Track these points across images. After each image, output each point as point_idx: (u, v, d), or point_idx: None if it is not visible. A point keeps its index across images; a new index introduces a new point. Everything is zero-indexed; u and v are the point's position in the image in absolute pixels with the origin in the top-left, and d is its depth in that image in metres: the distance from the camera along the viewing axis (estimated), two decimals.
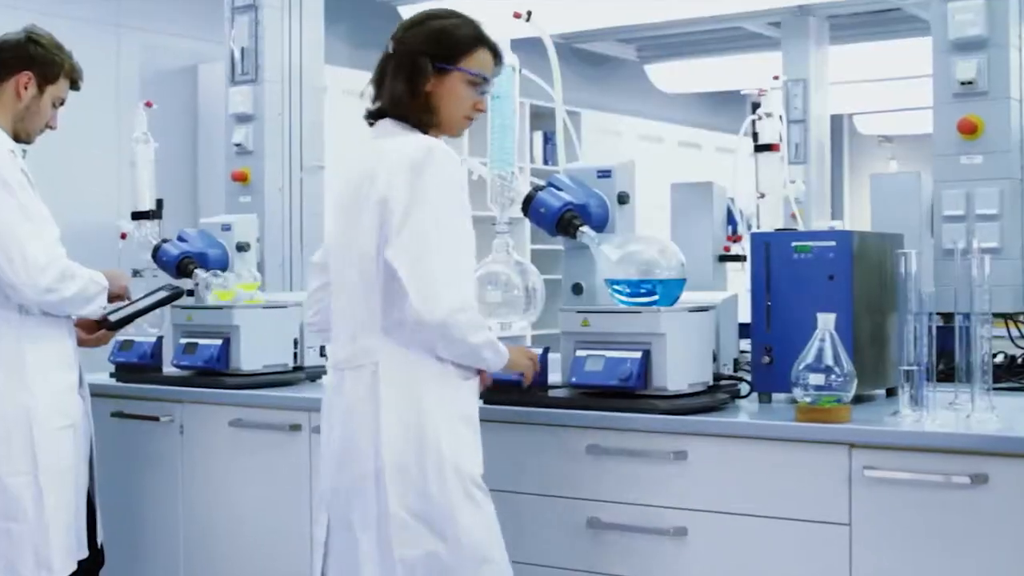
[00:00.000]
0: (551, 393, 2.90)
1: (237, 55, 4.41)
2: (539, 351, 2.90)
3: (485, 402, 2.94)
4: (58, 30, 3.34)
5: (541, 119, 8.60)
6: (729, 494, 2.64)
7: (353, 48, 7.81)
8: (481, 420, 2.90)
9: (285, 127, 4.41)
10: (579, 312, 2.85)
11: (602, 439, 2.78)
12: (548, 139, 8.96)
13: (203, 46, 6.59)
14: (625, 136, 9.31)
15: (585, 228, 2.88)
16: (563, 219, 2.89)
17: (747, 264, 4.16)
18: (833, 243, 2.88)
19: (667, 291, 2.80)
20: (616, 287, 2.82)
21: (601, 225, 2.95)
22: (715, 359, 2.92)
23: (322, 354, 3.77)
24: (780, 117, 4.17)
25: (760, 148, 4.16)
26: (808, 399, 2.60)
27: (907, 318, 2.66)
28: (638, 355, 2.75)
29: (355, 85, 7.17)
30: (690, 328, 2.81)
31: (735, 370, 3.01)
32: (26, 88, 3.19)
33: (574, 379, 2.82)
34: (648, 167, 2.99)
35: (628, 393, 2.76)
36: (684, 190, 4.08)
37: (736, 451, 2.64)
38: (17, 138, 3.20)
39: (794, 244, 2.92)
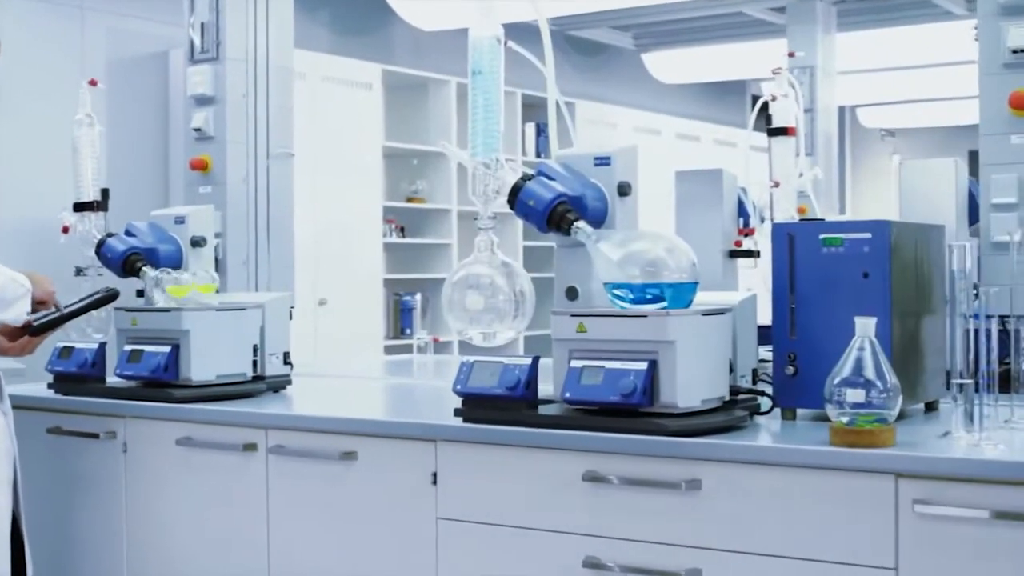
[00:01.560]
0: (541, 410, 2.50)
1: (197, 31, 4.00)
2: (527, 361, 2.50)
3: (464, 420, 2.54)
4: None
5: (533, 110, 8.25)
6: (750, 531, 2.24)
7: (334, 34, 7.48)
8: (458, 440, 2.52)
9: (250, 110, 4.00)
10: (574, 316, 2.45)
11: (601, 464, 2.38)
12: (541, 131, 8.60)
13: (174, 31, 6.16)
14: (621, 128, 8.98)
15: (580, 223, 2.50)
16: (555, 213, 2.51)
17: (760, 260, 3.81)
18: (868, 235, 2.49)
19: (677, 296, 2.41)
20: (617, 292, 2.43)
21: (599, 220, 2.58)
22: (731, 370, 2.52)
23: (286, 361, 3.38)
24: (796, 98, 3.79)
25: (774, 132, 3.80)
26: (845, 419, 2.20)
27: (957, 321, 2.27)
28: (643, 366, 2.35)
29: (336, 72, 6.91)
30: (704, 334, 2.41)
31: (754, 382, 2.61)
32: None
33: (568, 394, 2.42)
34: (644, 161, 2.62)
35: (631, 411, 2.36)
36: (691, 178, 3.69)
37: (759, 480, 2.24)
38: None
39: (822, 236, 2.53)
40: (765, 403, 2.56)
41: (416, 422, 2.66)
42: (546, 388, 2.53)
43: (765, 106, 3.84)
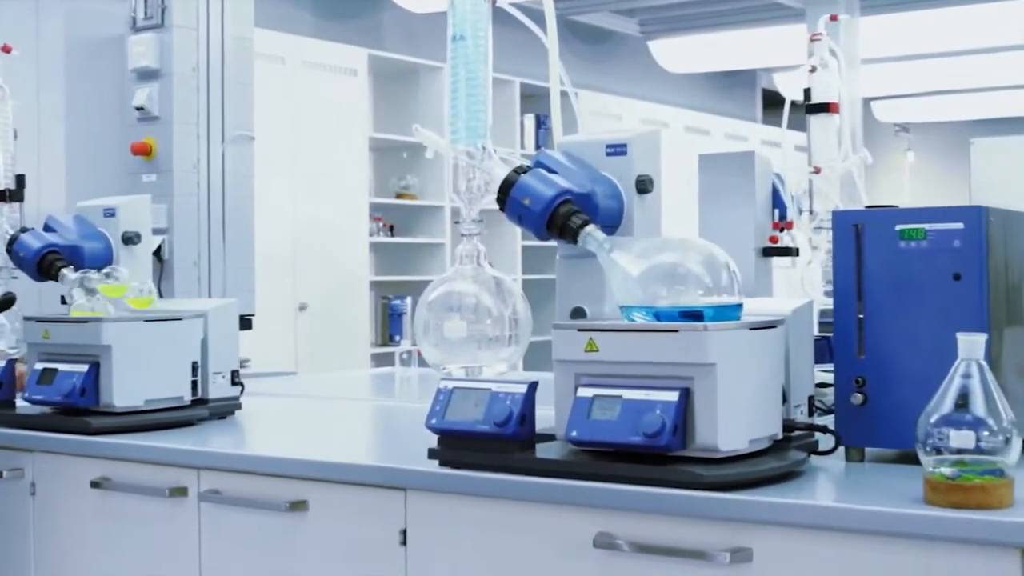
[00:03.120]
0: (539, 452, 1.93)
1: None
2: (521, 388, 1.94)
3: (441, 463, 1.99)
4: None
5: (533, 100, 7.77)
6: None
7: (317, 16, 6.99)
8: (433, 491, 1.97)
9: (201, 87, 3.45)
10: (582, 331, 1.89)
11: (618, 526, 1.82)
12: (541, 123, 8.08)
13: None
14: (625, 120, 8.53)
15: (590, 228, 1.96)
16: (557, 215, 1.97)
17: (798, 260, 3.26)
18: (959, 225, 1.95)
19: (716, 320, 1.85)
20: (637, 317, 1.87)
21: (613, 223, 2.06)
22: (784, 399, 1.96)
23: (235, 381, 2.81)
24: (838, 68, 3.23)
25: (813, 108, 3.23)
26: (947, 470, 1.64)
27: None
28: (673, 397, 1.79)
29: (318, 56, 6.37)
30: (752, 354, 1.85)
31: (810, 413, 2.05)
32: None
33: (575, 433, 1.86)
34: None
35: (658, 456, 1.80)
36: (717, 164, 3.13)
37: (827, 549, 1.68)
38: None
39: (900, 227, 1.98)
40: (825, 440, 2.01)
41: (380, 466, 2.10)
42: (546, 418, 1.97)
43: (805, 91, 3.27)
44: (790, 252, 3.13)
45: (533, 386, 1.94)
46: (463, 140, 2.15)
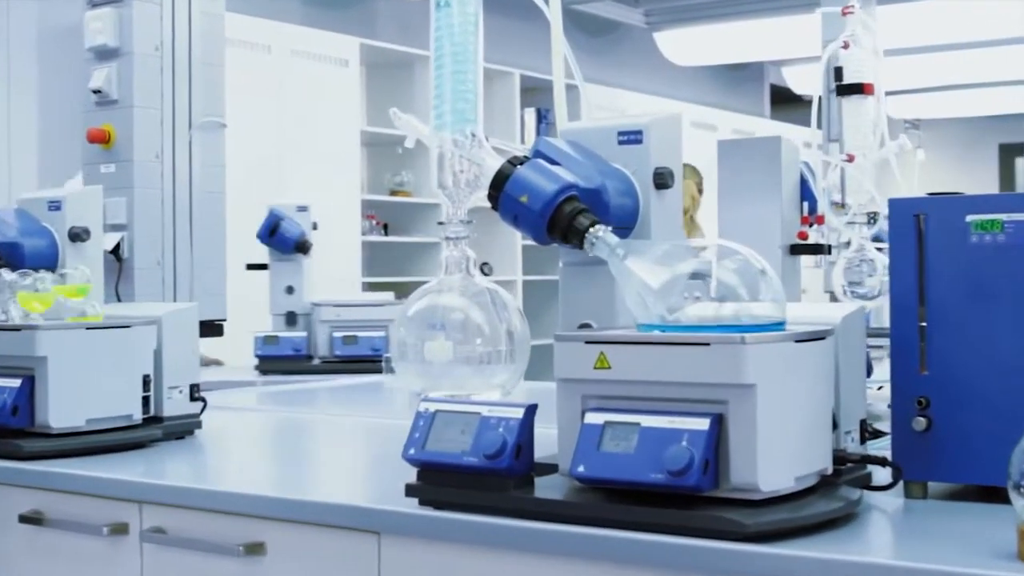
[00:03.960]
0: (539, 492, 1.60)
1: None
2: (517, 413, 1.60)
3: (421, 502, 1.66)
4: None
5: (534, 93, 7.49)
6: None
7: (306, 3, 6.69)
8: (417, 536, 1.65)
9: (166, 68, 3.12)
10: (591, 343, 1.55)
11: None
12: (543, 117, 7.77)
13: None
14: (629, 115, 8.14)
15: (599, 230, 1.64)
16: (560, 214, 1.66)
17: (826, 258, 2.95)
18: None
19: None
20: None
21: (626, 224, 1.76)
22: (835, 424, 1.63)
23: (194, 396, 2.48)
24: (874, 45, 2.91)
25: (845, 89, 2.90)
26: None
27: None
28: (703, 425, 1.46)
29: (307, 46, 6.08)
30: (799, 372, 1.52)
31: (863, 439, 1.72)
32: None
33: (582, 469, 1.52)
34: None
35: (685, 498, 1.47)
36: (739, 150, 2.80)
37: None
38: None
39: (971, 218, 1.66)
40: (880, 473, 1.68)
41: (349, 505, 1.76)
42: (548, 441, 1.64)
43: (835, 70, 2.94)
44: (820, 249, 2.80)
45: (531, 410, 1.60)
46: (448, 126, 1.82)
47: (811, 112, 2.91)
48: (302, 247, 4.08)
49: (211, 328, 3.10)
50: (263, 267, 4.11)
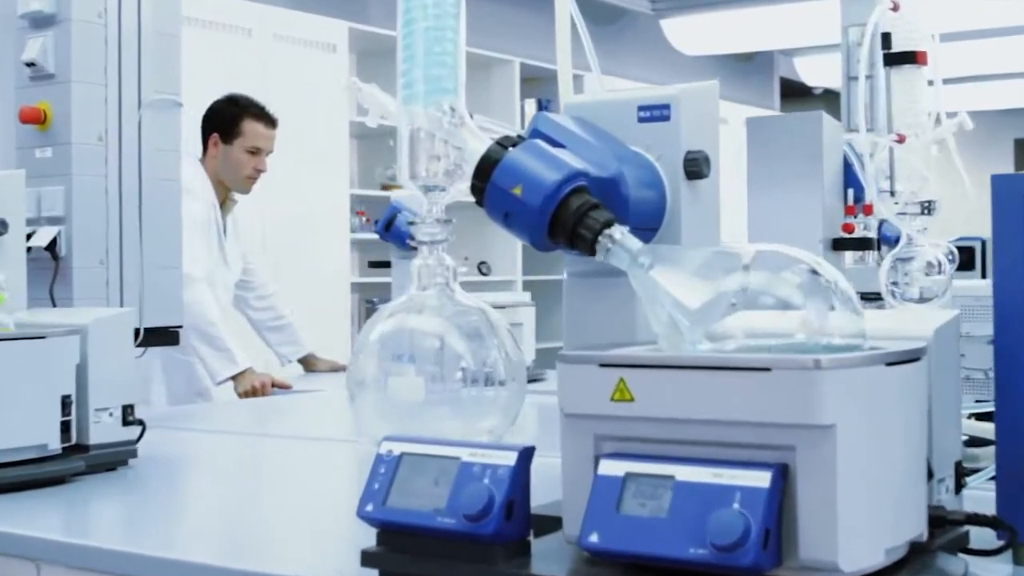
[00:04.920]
0: (537, 565, 1.19)
1: None
2: (509, 458, 1.21)
3: (380, 573, 1.25)
4: None
5: (534, 84, 7.16)
6: None
7: None
8: None
9: (111, 37, 2.71)
10: (606, 367, 1.16)
11: None
12: (544, 108, 7.38)
13: None
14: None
15: (617, 232, 1.26)
16: (565, 211, 1.28)
17: (874, 254, 2.56)
18: None
19: None
20: None
21: (650, 225, 1.40)
22: (929, 473, 1.23)
23: (128, 420, 2.08)
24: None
25: (894, 59, 2.50)
26: None
27: None
28: (763, 481, 1.07)
29: (292, 30, 5.70)
30: (890, 405, 1.12)
31: (957, 489, 1.32)
32: None
33: (595, 539, 1.12)
34: None
35: None
36: (773, 129, 2.42)
37: None
38: None
39: None
40: (983, 535, 1.29)
41: None
42: (548, 485, 1.25)
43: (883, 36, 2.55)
44: (868, 244, 2.42)
45: (526, 456, 1.20)
46: (421, 97, 1.43)
47: (821, 106, 2.55)
48: None
49: (163, 336, 2.70)
50: (386, 264, 3.90)
